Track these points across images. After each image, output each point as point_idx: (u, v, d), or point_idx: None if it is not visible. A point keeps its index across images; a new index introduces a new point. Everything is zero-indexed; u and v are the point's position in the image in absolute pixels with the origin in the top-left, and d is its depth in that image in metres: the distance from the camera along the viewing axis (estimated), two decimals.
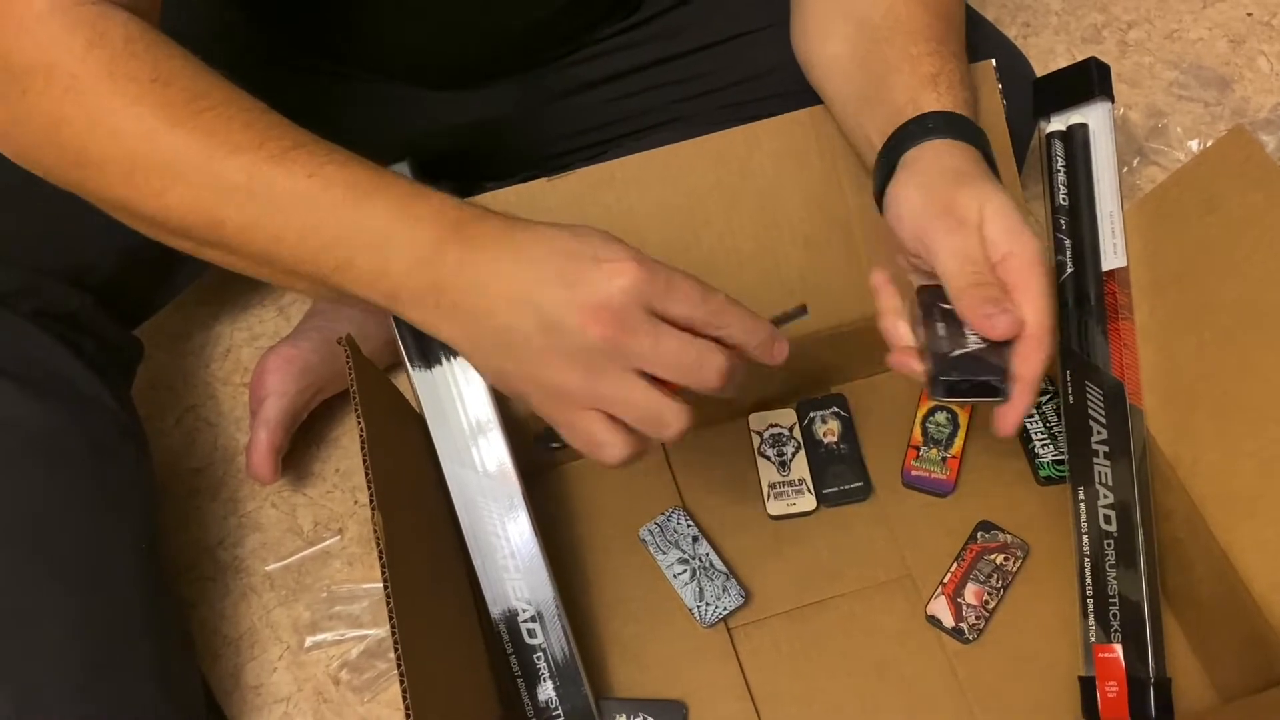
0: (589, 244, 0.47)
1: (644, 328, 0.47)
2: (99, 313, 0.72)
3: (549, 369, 0.48)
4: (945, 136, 0.59)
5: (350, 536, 0.86)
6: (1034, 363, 0.54)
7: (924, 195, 0.57)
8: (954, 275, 0.55)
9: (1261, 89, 1.07)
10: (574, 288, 0.46)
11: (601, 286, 0.46)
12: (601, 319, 0.46)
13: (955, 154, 0.59)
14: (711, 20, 0.80)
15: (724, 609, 0.75)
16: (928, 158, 0.59)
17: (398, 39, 0.71)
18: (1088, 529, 0.72)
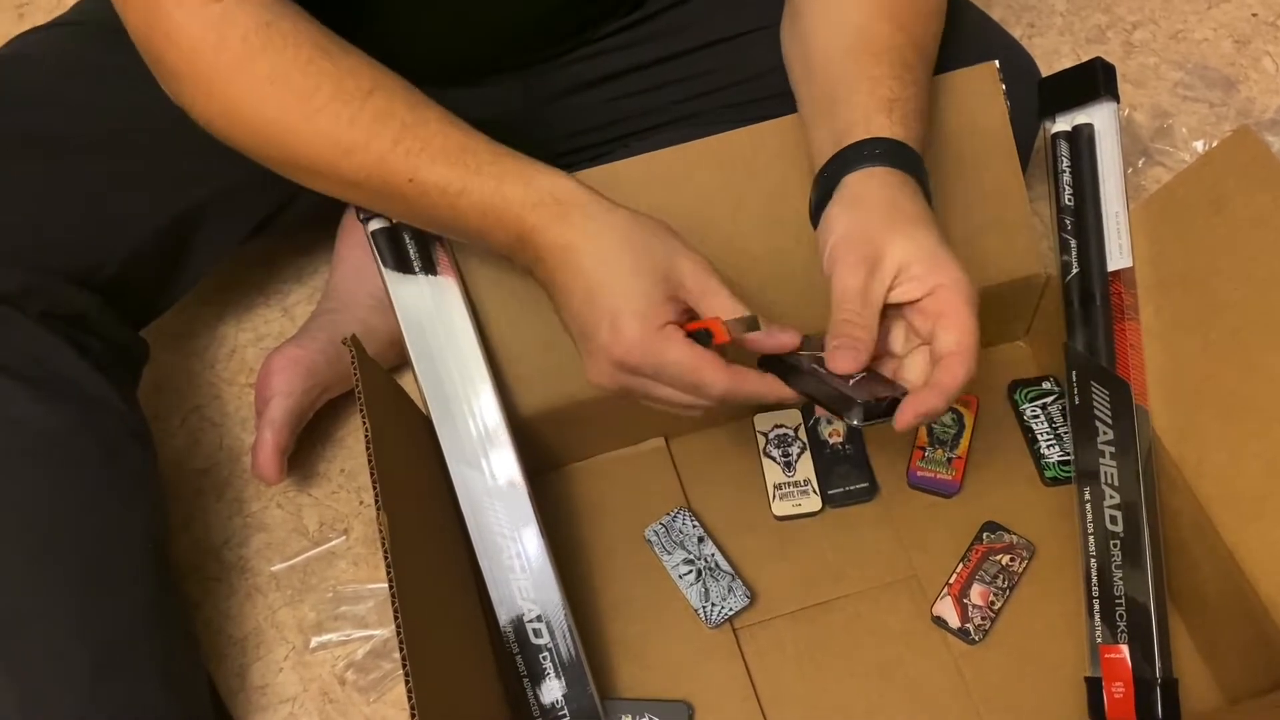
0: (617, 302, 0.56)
1: (641, 382, 0.58)
2: (106, 313, 0.72)
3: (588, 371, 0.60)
4: (891, 165, 0.59)
5: (356, 537, 0.86)
6: (956, 374, 0.56)
7: (852, 228, 0.58)
8: (836, 306, 0.57)
9: (1267, 89, 1.07)
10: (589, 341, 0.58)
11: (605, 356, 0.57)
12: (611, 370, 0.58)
13: (899, 187, 0.59)
14: (713, 19, 0.80)
15: (729, 610, 0.75)
16: (870, 189, 0.59)
17: (399, 34, 0.71)
18: (1094, 529, 0.72)
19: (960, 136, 0.75)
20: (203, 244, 0.78)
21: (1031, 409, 0.83)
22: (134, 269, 0.74)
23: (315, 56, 0.57)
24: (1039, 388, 0.84)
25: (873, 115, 0.61)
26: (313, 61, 0.57)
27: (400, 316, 0.68)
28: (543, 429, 0.76)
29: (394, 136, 0.57)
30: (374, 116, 0.57)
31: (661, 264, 0.57)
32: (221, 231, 0.79)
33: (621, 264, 0.56)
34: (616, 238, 0.57)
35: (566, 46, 0.80)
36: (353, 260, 0.87)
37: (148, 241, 0.74)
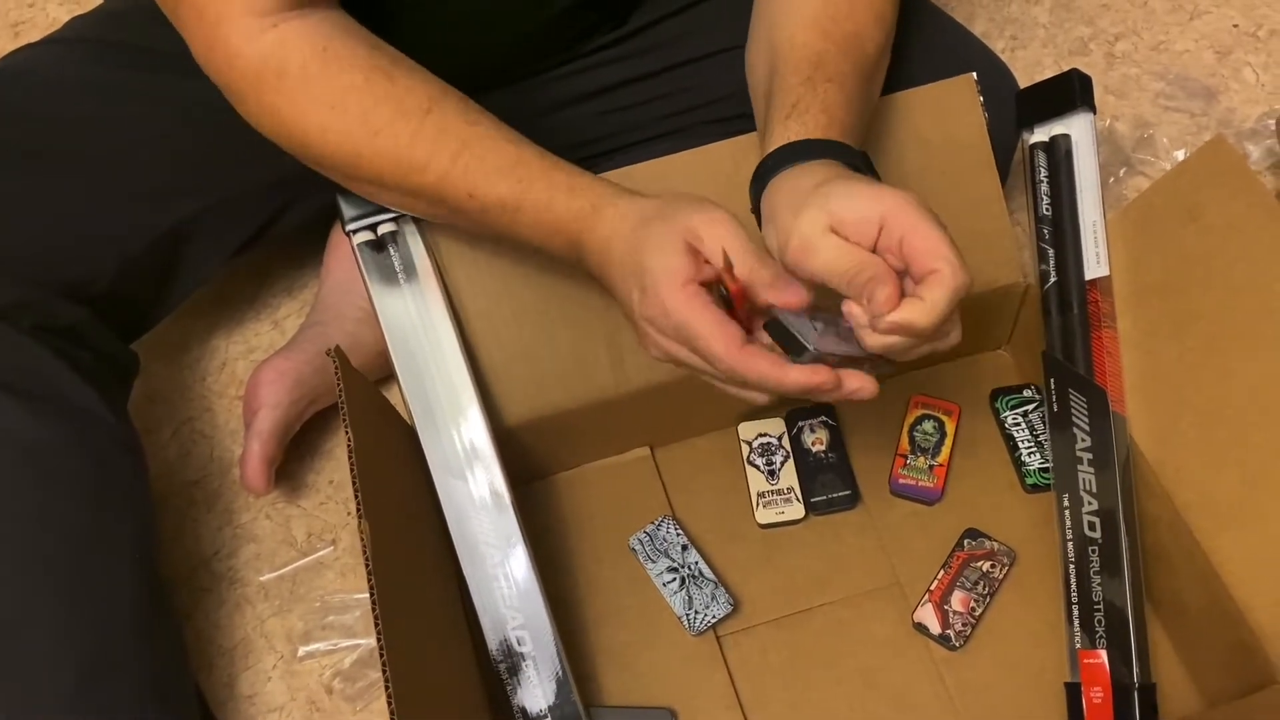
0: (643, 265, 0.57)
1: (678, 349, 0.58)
2: (96, 326, 0.73)
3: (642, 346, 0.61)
4: (786, 167, 0.59)
5: (343, 547, 0.87)
6: (945, 285, 0.52)
7: (777, 239, 0.57)
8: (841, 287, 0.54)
9: (1247, 99, 1.08)
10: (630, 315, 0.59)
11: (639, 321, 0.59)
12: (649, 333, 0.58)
13: (795, 179, 0.58)
14: (699, 35, 0.81)
15: (713, 617, 0.76)
16: (773, 199, 0.59)
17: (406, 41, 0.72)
18: (1072, 535, 0.73)
19: (939, 148, 0.76)
20: (193, 258, 0.79)
21: (1013, 417, 0.84)
22: (125, 283, 0.75)
23: (374, 78, 0.59)
24: (1020, 395, 0.85)
25: (773, 129, 0.61)
26: (371, 83, 0.59)
27: (385, 328, 0.69)
28: (528, 438, 0.77)
29: (453, 153, 0.59)
30: (434, 135, 0.59)
31: (678, 224, 0.57)
32: (211, 246, 0.80)
33: (645, 237, 0.57)
34: (637, 219, 0.58)
35: (553, 63, 0.81)
36: (340, 273, 0.88)
37: (138, 256, 0.74)
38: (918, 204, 0.54)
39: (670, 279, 0.55)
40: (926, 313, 0.52)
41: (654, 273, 0.56)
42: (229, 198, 0.79)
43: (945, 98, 0.75)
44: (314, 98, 0.59)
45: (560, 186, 0.60)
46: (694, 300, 0.55)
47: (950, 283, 0.52)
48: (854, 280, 0.53)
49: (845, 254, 0.54)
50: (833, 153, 0.60)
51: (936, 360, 0.87)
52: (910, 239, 0.53)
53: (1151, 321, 0.75)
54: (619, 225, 0.59)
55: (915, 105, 0.75)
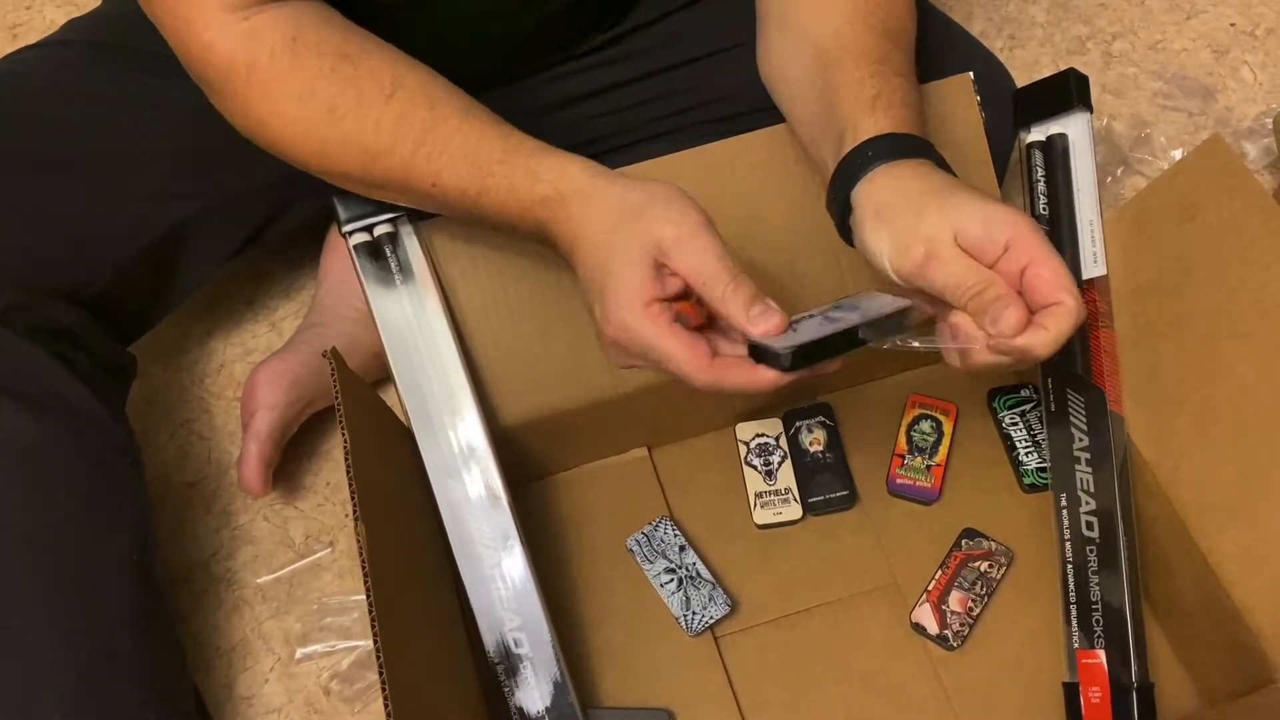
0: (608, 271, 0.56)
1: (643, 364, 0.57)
2: (93, 328, 0.73)
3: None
4: (889, 160, 0.58)
5: (341, 549, 0.87)
6: (1071, 319, 0.52)
7: (892, 241, 0.55)
8: (959, 302, 0.54)
9: (1245, 98, 1.08)
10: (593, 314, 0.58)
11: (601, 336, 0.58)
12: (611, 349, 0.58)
13: (904, 179, 0.57)
14: (695, 36, 0.81)
15: (710, 618, 0.75)
16: (881, 193, 0.57)
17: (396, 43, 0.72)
18: (1070, 535, 0.73)
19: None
20: (189, 260, 0.79)
21: (1010, 416, 0.84)
22: (121, 285, 0.75)
23: (339, 64, 0.59)
24: (1017, 395, 0.85)
25: (859, 120, 0.60)
26: (337, 70, 0.59)
27: (381, 329, 0.69)
28: (525, 439, 0.77)
29: (415, 140, 0.59)
30: (396, 120, 0.59)
31: (646, 238, 0.55)
32: (207, 247, 0.80)
33: (608, 246, 0.56)
34: (605, 219, 0.57)
35: (551, 61, 0.81)
36: (337, 275, 0.88)
37: (134, 258, 0.74)
38: (1040, 231, 0.54)
39: (633, 299, 0.54)
40: (1048, 344, 0.52)
41: (617, 290, 0.55)
42: (225, 200, 0.79)
43: (943, 97, 0.75)
44: (283, 89, 0.59)
45: (521, 171, 0.59)
46: (658, 321, 0.54)
47: (1073, 317, 0.52)
48: (979, 297, 0.52)
49: (973, 271, 0.53)
50: (928, 152, 0.59)
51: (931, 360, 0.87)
52: (1036, 268, 0.53)
53: (1149, 321, 0.75)
54: (587, 224, 0.57)
55: None
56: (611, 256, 0.56)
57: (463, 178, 0.59)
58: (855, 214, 0.59)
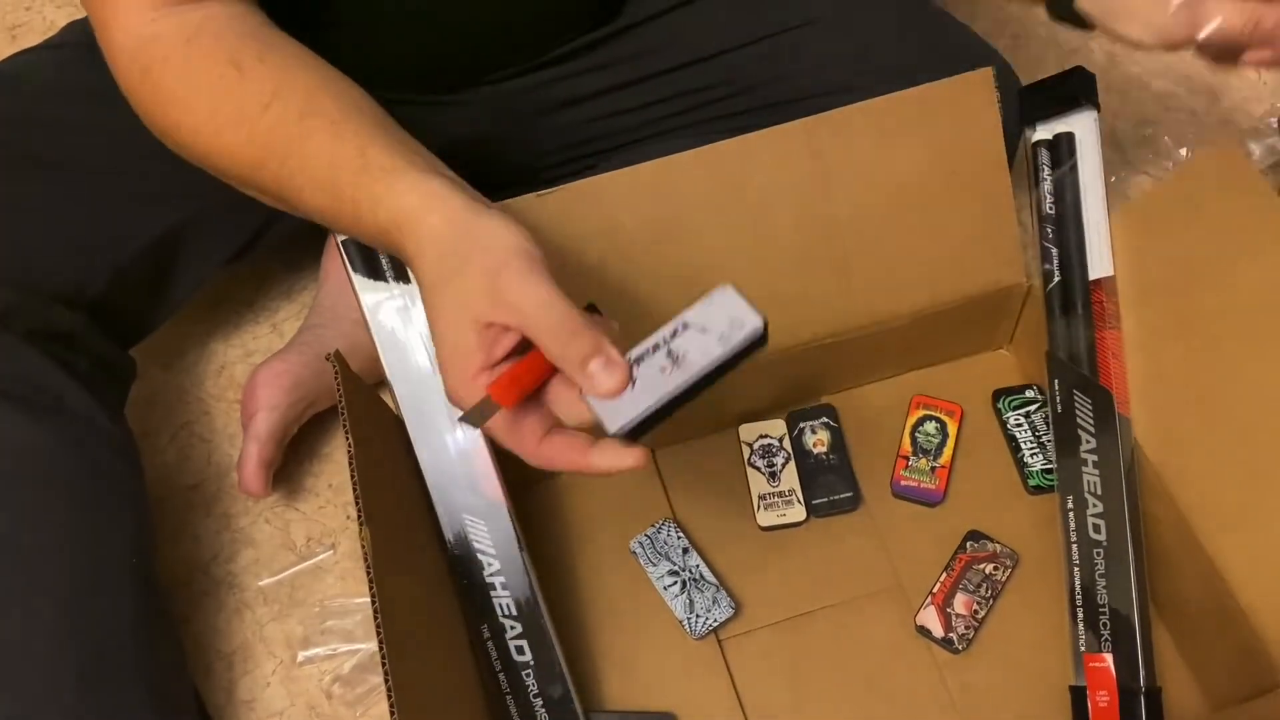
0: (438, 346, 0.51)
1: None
2: (92, 331, 0.73)
3: None
4: None
5: (343, 551, 0.86)
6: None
7: None
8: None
9: (1249, 98, 1.07)
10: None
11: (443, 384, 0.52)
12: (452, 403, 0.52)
13: None
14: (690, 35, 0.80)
15: (714, 620, 0.75)
16: None
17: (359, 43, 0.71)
18: (1077, 538, 0.73)
19: (951, 145, 0.74)
20: (187, 263, 0.79)
21: (1015, 417, 0.83)
22: (119, 288, 0.74)
23: (226, 72, 0.57)
24: (1022, 396, 0.84)
25: None
26: (222, 78, 0.57)
27: (373, 330, 0.68)
28: None
29: (282, 156, 0.56)
30: (267, 133, 0.56)
31: (469, 296, 0.49)
32: (205, 251, 0.79)
33: (434, 307, 0.51)
34: (433, 273, 0.51)
35: (534, 59, 0.79)
36: (338, 276, 0.88)
37: (132, 261, 0.74)
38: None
39: (459, 370, 0.50)
40: None
41: (445, 360, 0.51)
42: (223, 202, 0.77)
43: (959, 94, 0.74)
44: (171, 93, 0.58)
45: (365, 196, 0.53)
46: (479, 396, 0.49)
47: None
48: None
49: None
50: None
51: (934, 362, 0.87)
52: None
53: (1156, 322, 0.75)
54: (420, 274, 0.52)
55: (930, 102, 0.73)
56: (437, 319, 0.51)
57: (319, 201, 0.56)
58: None
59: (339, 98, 0.58)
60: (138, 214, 0.74)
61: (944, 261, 0.77)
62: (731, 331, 0.49)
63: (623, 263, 0.71)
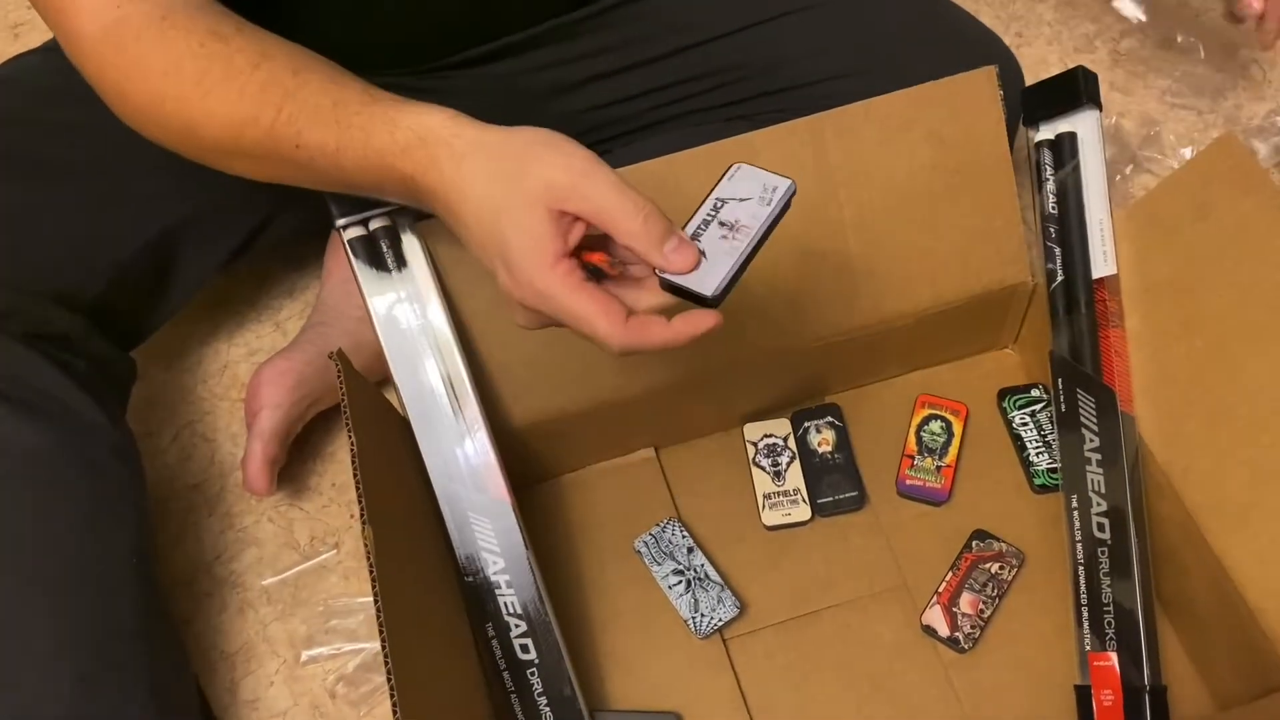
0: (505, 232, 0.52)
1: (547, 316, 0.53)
2: (91, 333, 0.72)
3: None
4: None
5: (346, 550, 0.86)
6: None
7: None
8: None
9: (1254, 96, 1.07)
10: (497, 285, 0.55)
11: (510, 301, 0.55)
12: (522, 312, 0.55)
13: None
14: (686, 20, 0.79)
15: (719, 620, 0.75)
16: None
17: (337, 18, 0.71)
18: (1081, 537, 0.72)
19: (955, 143, 0.74)
20: (186, 264, 0.78)
21: (1020, 416, 0.83)
22: (118, 289, 0.74)
23: (207, 40, 0.57)
24: (1028, 395, 0.84)
25: None
26: (204, 45, 0.57)
27: (378, 327, 0.67)
28: (532, 440, 0.77)
29: (278, 104, 0.57)
30: (260, 88, 0.57)
31: (536, 188, 0.51)
32: (204, 251, 0.79)
33: (495, 202, 0.52)
34: (485, 174, 0.52)
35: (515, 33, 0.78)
36: (341, 274, 0.88)
37: (130, 262, 0.74)
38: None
39: (539, 259, 0.51)
40: None
41: (519, 251, 0.51)
42: (219, 203, 0.78)
43: (964, 92, 0.74)
44: (150, 66, 0.58)
45: (379, 119, 0.55)
46: (568, 280, 0.51)
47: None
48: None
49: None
50: None
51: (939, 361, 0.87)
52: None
53: (1160, 320, 0.74)
54: (465, 183, 0.53)
55: (933, 99, 0.73)
56: (504, 215, 0.51)
57: (322, 134, 0.56)
58: None
59: (322, 61, 0.59)
60: (136, 215, 0.74)
61: (949, 260, 0.77)
62: (768, 194, 0.55)
63: None
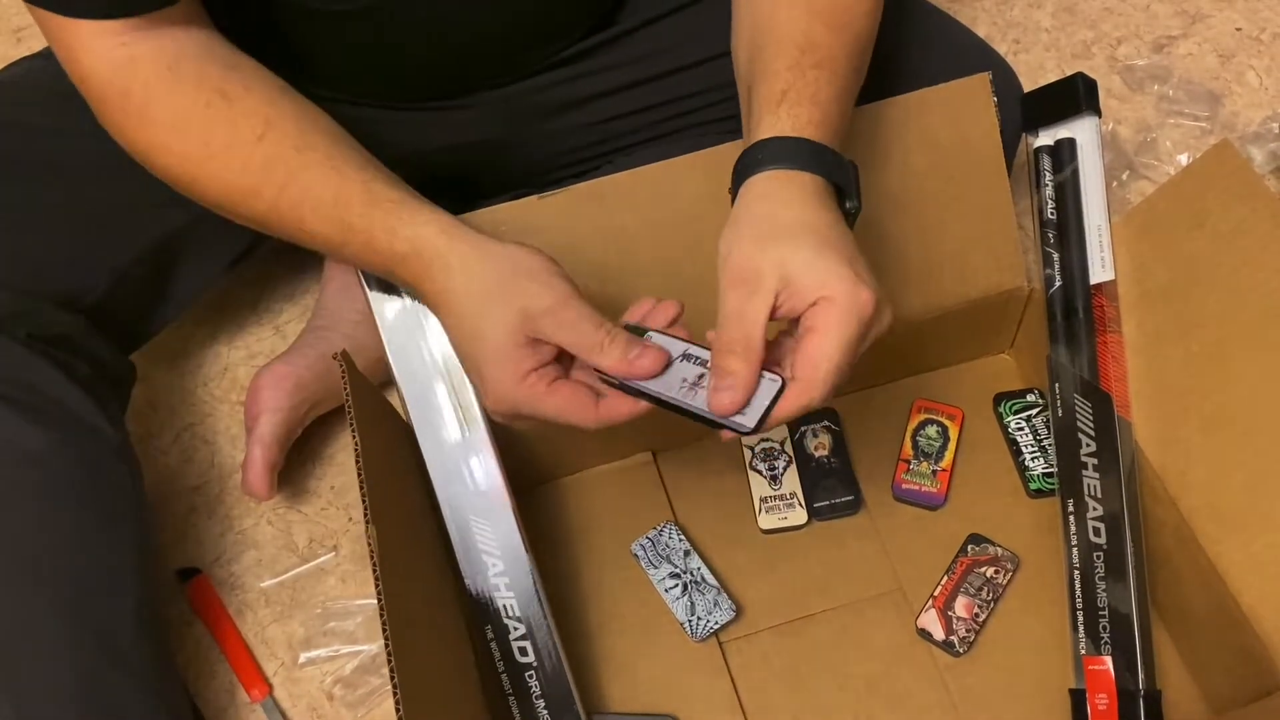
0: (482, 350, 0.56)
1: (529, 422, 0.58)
2: (92, 335, 0.73)
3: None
4: (775, 167, 0.56)
5: (345, 553, 0.86)
6: (788, 406, 0.52)
7: (729, 246, 0.55)
8: (718, 335, 0.54)
9: (1250, 103, 1.08)
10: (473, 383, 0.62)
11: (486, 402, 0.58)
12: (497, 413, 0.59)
13: (779, 193, 0.56)
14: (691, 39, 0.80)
15: (715, 623, 0.75)
16: (750, 198, 0.56)
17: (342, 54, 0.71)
18: (1077, 541, 0.73)
19: (950, 150, 0.75)
20: (187, 268, 0.79)
21: (1016, 421, 0.83)
22: (119, 293, 0.74)
23: (214, 100, 0.58)
24: (1023, 400, 0.84)
25: (762, 116, 0.58)
26: (210, 105, 0.58)
27: (382, 330, 0.68)
28: (530, 443, 0.77)
29: (280, 184, 0.58)
30: (263, 164, 0.58)
31: (512, 315, 0.55)
32: (205, 256, 0.79)
33: (477, 318, 0.56)
34: (472, 295, 0.57)
35: (532, 67, 0.79)
36: (341, 278, 0.88)
37: (130, 266, 0.74)
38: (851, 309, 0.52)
39: (510, 375, 0.55)
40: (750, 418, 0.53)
41: (493, 367, 0.56)
42: None
43: (958, 98, 0.74)
44: (155, 118, 0.59)
45: (379, 227, 0.58)
46: (535, 390, 0.55)
47: (798, 404, 0.53)
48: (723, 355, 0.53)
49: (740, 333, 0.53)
50: (824, 165, 0.57)
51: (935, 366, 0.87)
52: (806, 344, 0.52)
53: (1156, 326, 0.75)
54: (452, 295, 0.57)
55: (927, 106, 0.74)
56: (481, 333, 0.56)
57: (326, 227, 0.59)
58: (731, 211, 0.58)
59: (326, 132, 0.61)
60: (138, 220, 0.75)
61: (944, 266, 0.78)
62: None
63: (624, 264, 0.72)
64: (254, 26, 0.65)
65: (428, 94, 0.76)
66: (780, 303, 0.53)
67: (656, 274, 0.72)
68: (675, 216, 0.73)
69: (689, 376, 0.55)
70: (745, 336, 0.53)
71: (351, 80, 0.73)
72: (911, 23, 0.81)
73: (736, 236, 0.55)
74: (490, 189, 0.83)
